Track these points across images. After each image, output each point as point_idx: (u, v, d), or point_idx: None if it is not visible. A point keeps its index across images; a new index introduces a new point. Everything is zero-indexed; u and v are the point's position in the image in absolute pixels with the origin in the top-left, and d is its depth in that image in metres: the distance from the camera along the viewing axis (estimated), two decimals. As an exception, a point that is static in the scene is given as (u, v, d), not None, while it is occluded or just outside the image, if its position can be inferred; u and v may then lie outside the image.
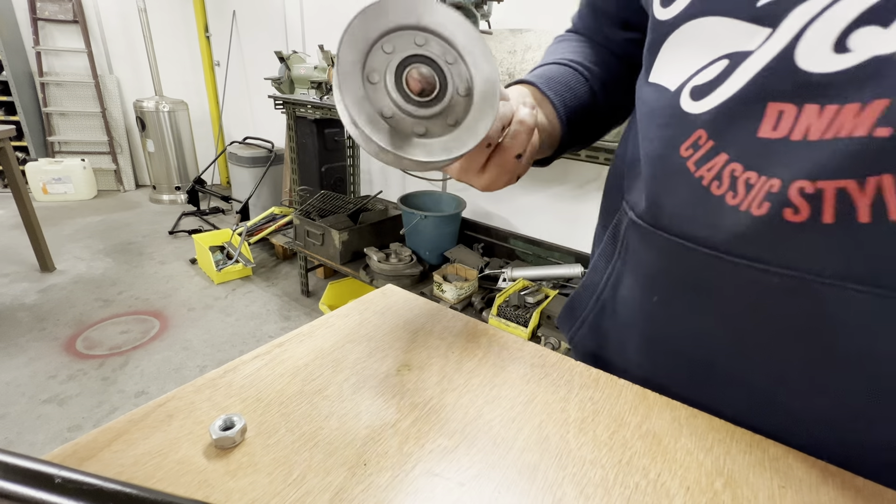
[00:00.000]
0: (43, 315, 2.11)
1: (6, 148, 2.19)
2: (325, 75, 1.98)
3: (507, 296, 1.64)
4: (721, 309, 0.29)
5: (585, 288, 0.42)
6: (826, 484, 0.26)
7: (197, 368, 1.84)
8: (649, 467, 0.27)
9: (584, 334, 0.41)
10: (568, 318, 0.43)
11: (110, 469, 0.25)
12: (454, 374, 0.35)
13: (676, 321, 0.32)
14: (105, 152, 3.89)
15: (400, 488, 0.25)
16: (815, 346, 0.26)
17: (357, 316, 0.42)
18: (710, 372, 0.32)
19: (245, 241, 2.59)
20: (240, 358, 0.35)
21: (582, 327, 0.41)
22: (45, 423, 1.54)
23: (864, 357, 0.25)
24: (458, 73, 0.22)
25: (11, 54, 3.43)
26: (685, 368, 0.33)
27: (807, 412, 0.29)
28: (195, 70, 3.97)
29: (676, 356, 0.33)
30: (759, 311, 0.27)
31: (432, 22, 0.21)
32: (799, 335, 0.26)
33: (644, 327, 0.35)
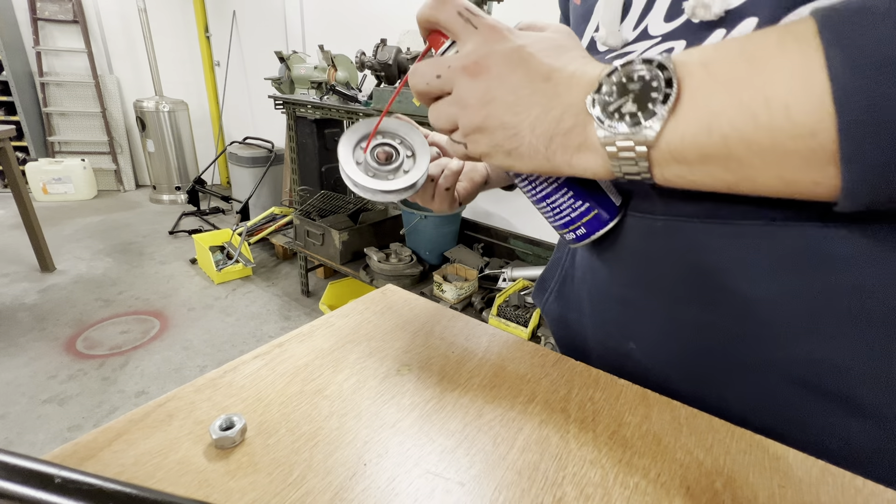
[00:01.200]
0: (43, 315, 2.11)
1: (6, 148, 2.19)
2: (325, 75, 1.98)
3: (507, 296, 1.64)
4: (630, 253, 0.35)
5: (552, 263, 0.48)
6: (826, 484, 0.26)
7: (197, 368, 1.84)
8: (649, 467, 0.27)
9: (552, 301, 0.47)
10: (539, 291, 0.49)
11: (110, 469, 0.25)
12: (454, 374, 0.35)
13: (605, 271, 0.38)
14: (105, 152, 3.89)
15: (400, 488, 0.25)
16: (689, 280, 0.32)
17: (357, 316, 0.42)
18: (630, 310, 0.36)
19: (245, 241, 2.59)
20: (240, 358, 0.35)
21: (550, 296, 0.47)
22: (45, 423, 1.54)
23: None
24: (405, 146, 0.39)
25: (11, 54, 3.43)
26: (616, 311, 0.38)
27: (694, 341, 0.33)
28: (195, 70, 3.98)
29: (609, 301, 0.38)
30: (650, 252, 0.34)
31: (383, 127, 0.39)
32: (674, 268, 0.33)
33: (589, 281, 0.40)
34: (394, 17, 2.33)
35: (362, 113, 1.79)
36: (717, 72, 0.22)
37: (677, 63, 0.23)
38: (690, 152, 0.23)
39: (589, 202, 0.33)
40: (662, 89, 0.22)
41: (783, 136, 0.20)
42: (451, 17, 0.28)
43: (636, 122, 0.23)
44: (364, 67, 1.73)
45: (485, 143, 0.29)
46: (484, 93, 0.27)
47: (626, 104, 0.24)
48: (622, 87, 0.24)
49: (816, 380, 0.28)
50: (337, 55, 2.02)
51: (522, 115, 0.27)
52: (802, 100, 0.19)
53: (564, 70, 0.26)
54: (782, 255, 0.28)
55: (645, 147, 0.24)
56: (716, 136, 0.22)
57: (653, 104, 0.23)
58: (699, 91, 0.22)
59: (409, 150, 0.39)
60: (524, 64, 0.26)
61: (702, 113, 0.22)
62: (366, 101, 1.81)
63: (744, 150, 0.21)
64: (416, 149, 0.39)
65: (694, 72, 0.22)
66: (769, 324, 0.29)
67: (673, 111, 0.22)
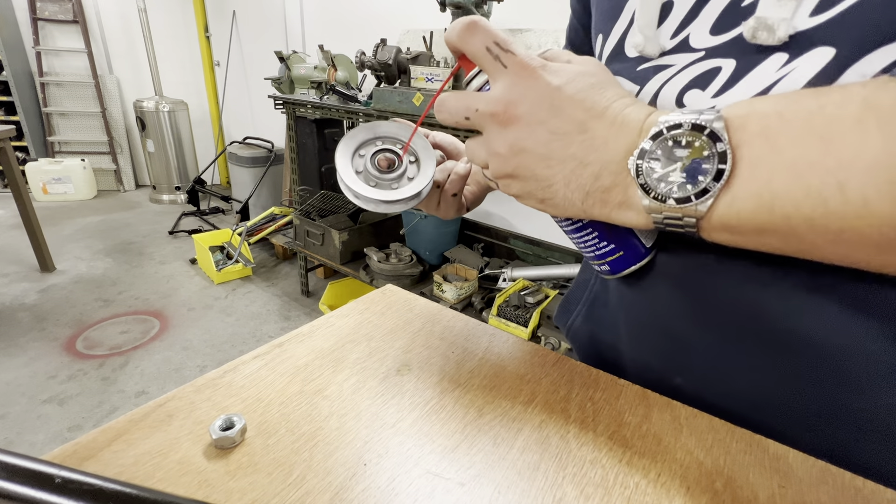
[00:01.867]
0: (43, 315, 2.11)
1: (6, 148, 2.19)
2: (325, 75, 1.98)
3: (507, 296, 1.64)
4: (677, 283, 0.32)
5: (578, 285, 0.45)
6: (826, 484, 0.26)
7: (197, 368, 1.84)
8: (649, 467, 0.27)
9: (580, 323, 0.43)
10: (563, 313, 0.46)
11: (110, 469, 0.25)
12: (454, 374, 0.35)
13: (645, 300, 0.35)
14: (105, 152, 3.89)
15: (400, 488, 0.25)
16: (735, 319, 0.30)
17: (357, 316, 0.42)
18: (677, 344, 0.33)
19: (245, 241, 2.59)
20: (240, 358, 0.35)
21: (577, 318, 0.44)
22: (45, 423, 1.54)
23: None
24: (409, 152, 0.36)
25: (11, 54, 3.43)
26: (660, 343, 0.35)
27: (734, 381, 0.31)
28: (195, 70, 3.97)
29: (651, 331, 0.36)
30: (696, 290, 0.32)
31: (382, 131, 0.36)
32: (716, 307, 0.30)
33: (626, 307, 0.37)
34: (394, 16, 2.33)
35: (362, 113, 1.79)
36: (782, 147, 0.19)
37: (732, 128, 0.20)
38: (746, 227, 0.21)
39: (615, 244, 0.31)
40: (715, 164, 0.21)
41: (859, 224, 0.18)
42: (480, 52, 0.25)
43: (685, 199, 0.21)
44: (364, 67, 1.73)
45: (516, 188, 0.28)
46: (513, 143, 0.25)
47: (673, 173, 0.22)
48: (669, 152, 0.22)
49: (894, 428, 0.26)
50: (337, 55, 2.02)
51: (556, 169, 0.25)
52: (885, 189, 0.17)
53: (603, 118, 0.24)
54: (859, 302, 0.25)
55: (694, 219, 0.22)
56: (777, 216, 0.20)
57: (704, 178, 0.21)
58: (759, 168, 0.20)
59: (413, 156, 0.36)
60: (557, 112, 0.24)
61: (762, 191, 0.20)
62: (366, 101, 1.81)
63: (807, 230, 0.20)
64: (419, 154, 0.36)
65: (752, 142, 0.20)
66: (847, 371, 0.26)
67: (727, 185, 0.21)
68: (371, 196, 0.34)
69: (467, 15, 1.60)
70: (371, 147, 0.36)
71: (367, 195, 0.34)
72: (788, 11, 0.22)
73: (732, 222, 0.21)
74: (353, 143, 0.36)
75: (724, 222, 0.22)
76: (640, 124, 0.24)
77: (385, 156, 0.36)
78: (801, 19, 0.22)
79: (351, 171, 0.35)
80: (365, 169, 0.36)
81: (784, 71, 0.23)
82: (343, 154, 0.36)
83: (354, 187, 0.34)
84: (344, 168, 0.35)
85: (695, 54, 0.27)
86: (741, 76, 0.24)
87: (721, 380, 0.31)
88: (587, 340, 0.43)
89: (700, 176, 0.21)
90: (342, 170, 0.35)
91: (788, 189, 0.19)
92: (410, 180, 0.36)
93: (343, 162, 0.35)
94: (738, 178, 0.20)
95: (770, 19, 0.23)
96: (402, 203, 0.35)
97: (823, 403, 0.27)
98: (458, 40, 0.26)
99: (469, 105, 0.26)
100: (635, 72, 0.30)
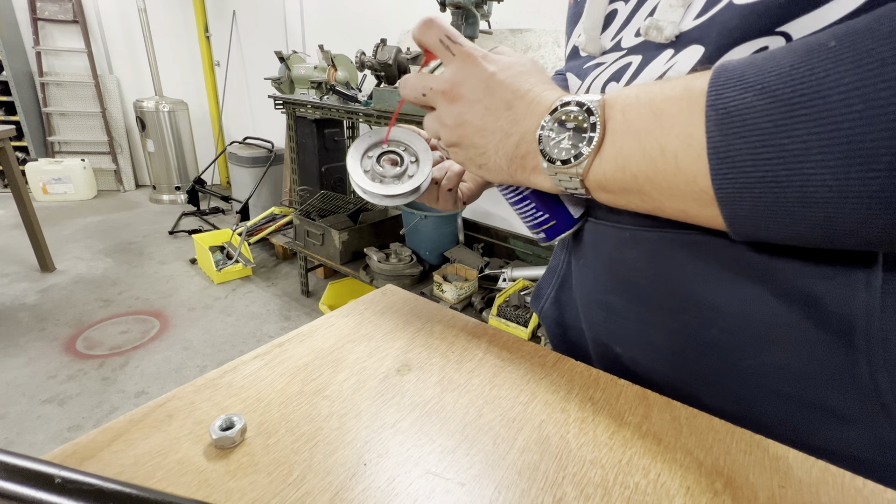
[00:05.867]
0: (43, 315, 2.11)
1: (6, 148, 2.19)
2: (325, 75, 1.98)
3: (507, 296, 1.64)
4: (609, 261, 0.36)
5: (548, 272, 0.51)
6: (826, 484, 0.26)
7: (197, 368, 1.84)
8: (649, 467, 0.27)
9: (549, 306, 0.48)
10: (535, 299, 0.52)
11: (110, 469, 0.25)
12: (454, 374, 0.35)
13: (591, 277, 0.39)
14: (105, 152, 3.89)
15: (400, 488, 0.25)
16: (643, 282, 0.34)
17: (357, 316, 0.42)
18: (613, 316, 0.37)
19: (245, 241, 2.59)
20: (240, 358, 0.35)
21: (547, 301, 0.49)
22: (45, 423, 1.54)
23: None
24: (409, 153, 0.42)
25: (11, 54, 3.43)
26: (602, 317, 0.39)
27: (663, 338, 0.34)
28: (195, 70, 3.98)
29: (595, 306, 0.39)
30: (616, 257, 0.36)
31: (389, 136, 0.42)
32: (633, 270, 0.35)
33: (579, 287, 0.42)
34: (394, 16, 2.33)
35: (362, 113, 1.79)
36: (631, 120, 0.25)
37: (606, 106, 0.26)
38: (612, 185, 0.27)
39: (548, 213, 0.37)
40: (589, 133, 0.26)
41: (676, 181, 0.24)
42: (434, 43, 0.32)
43: (568, 160, 0.27)
44: (364, 67, 1.73)
45: (461, 156, 0.34)
46: (457, 116, 0.32)
47: (563, 141, 0.27)
48: (562, 124, 0.27)
49: (787, 388, 0.28)
50: (337, 55, 2.02)
51: (488, 138, 0.31)
52: (688, 152, 0.23)
53: (524, 99, 0.30)
54: (736, 264, 0.28)
55: (579, 178, 0.27)
56: (628, 175, 0.25)
57: (581, 144, 0.27)
58: (616, 136, 0.26)
59: (413, 156, 0.42)
60: (491, 92, 0.30)
61: (617, 155, 0.26)
62: (366, 101, 1.81)
63: (650, 188, 0.25)
64: (419, 154, 0.42)
65: (615, 117, 0.26)
66: (735, 332, 0.29)
67: (598, 151, 0.26)
68: (377, 191, 0.40)
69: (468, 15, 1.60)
70: (378, 149, 0.42)
71: (374, 190, 0.40)
72: (677, 16, 0.27)
73: (602, 181, 0.27)
74: (362, 146, 0.42)
75: (598, 181, 0.27)
76: (550, 104, 0.29)
77: (389, 156, 0.42)
78: (687, 21, 0.27)
79: (360, 171, 0.41)
80: (372, 168, 0.41)
81: (670, 64, 0.28)
82: (353, 156, 0.42)
83: (362, 184, 0.40)
84: (354, 168, 0.41)
85: (620, 52, 0.32)
86: (642, 69, 0.30)
87: (647, 346, 0.35)
88: (554, 322, 0.48)
89: (579, 143, 0.27)
90: (352, 169, 0.41)
91: (633, 152, 0.25)
92: (411, 178, 0.41)
93: (353, 163, 0.41)
94: (605, 145, 0.26)
95: (661, 21, 0.28)
96: (403, 196, 0.41)
97: (719, 362, 0.31)
98: (419, 34, 0.32)
99: (425, 84, 0.33)
100: (582, 69, 0.36)
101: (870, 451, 0.27)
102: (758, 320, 0.28)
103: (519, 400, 0.32)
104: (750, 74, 0.21)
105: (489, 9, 1.64)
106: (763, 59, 0.21)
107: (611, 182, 0.26)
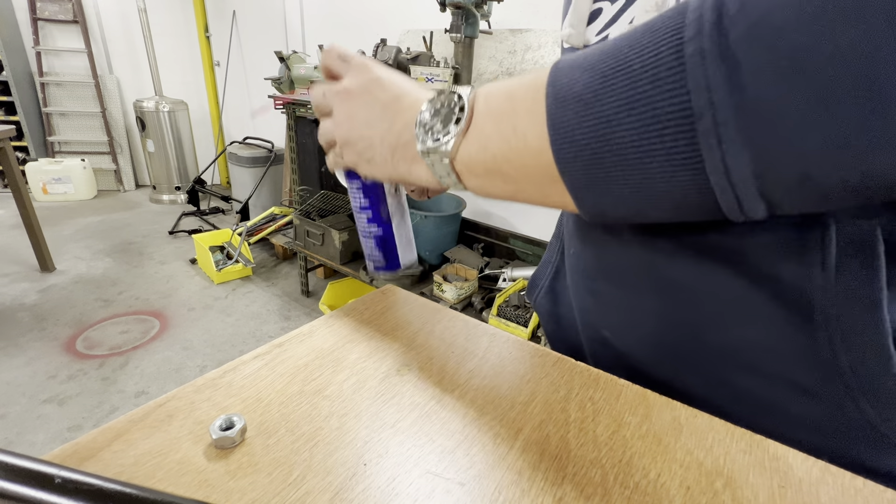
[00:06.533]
0: (43, 315, 2.11)
1: (6, 148, 2.19)
2: (325, 75, 1.98)
3: (507, 296, 1.64)
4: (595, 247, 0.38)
5: (543, 263, 0.52)
6: (826, 484, 0.26)
7: (197, 368, 1.84)
8: (649, 467, 0.27)
9: (543, 297, 0.50)
10: (532, 288, 0.54)
11: (110, 469, 0.25)
12: (454, 374, 0.35)
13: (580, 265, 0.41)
14: (105, 152, 3.89)
15: (400, 488, 0.25)
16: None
17: (357, 316, 0.42)
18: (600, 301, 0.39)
19: (245, 241, 2.59)
20: (240, 358, 0.35)
21: (541, 291, 0.50)
22: (45, 423, 1.54)
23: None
24: None
25: (11, 54, 3.43)
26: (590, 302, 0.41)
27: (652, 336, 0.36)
28: (195, 70, 3.97)
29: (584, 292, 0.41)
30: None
31: None
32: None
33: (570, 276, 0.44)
34: (394, 16, 2.33)
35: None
36: (492, 104, 0.27)
37: (474, 95, 0.29)
38: (477, 166, 0.28)
39: (381, 251, 0.42)
40: (457, 114, 0.28)
41: (525, 157, 0.26)
42: (334, 61, 0.36)
43: (437, 139, 0.29)
44: (364, 67, 1.72)
45: (352, 154, 0.36)
46: (348, 111, 0.35)
47: (436, 125, 0.29)
48: (436, 111, 0.30)
49: (756, 361, 0.30)
50: (337, 55, 2.02)
51: (375, 129, 0.33)
52: (533, 128, 0.25)
53: (409, 95, 0.32)
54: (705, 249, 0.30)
55: (447, 159, 0.29)
56: (489, 155, 0.27)
57: (450, 126, 0.29)
58: (480, 119, 0.28)
59: None
60: (379, 89, 0.33)
61: (481, 136, 0.27)
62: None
63: (507, 167, 0.27)
64: None
65: (480, 102, 0.28)
66: (707, 311, 0.31)
67: (465, 133, 0.28)
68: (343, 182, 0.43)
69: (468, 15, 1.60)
70: None
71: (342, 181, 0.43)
72: None
73: (468, 162, 0.28)
74: None
75: (465, 162, 0.29)
76: (427, 98, 0.31)
77: None
78: None
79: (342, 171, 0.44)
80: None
81: None
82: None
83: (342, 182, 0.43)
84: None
85: None
86: None
87: (630, 327, 0.37)
88: (547, 312, 0.50)
89: (448, 125, 0.29)
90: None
91: (492, 132, 0.27)
92: None
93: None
94: (472, 128, 0.28)
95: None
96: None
97: (693, 339, 0.32)
98: (322, 60, 0.38)
99: (326, 89, 0.37)
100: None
101: (833, 422, 0.28)
102: (727, 300, 0.30)
103: (519, 400, 0.32)
104: (583, 56, 0.23)
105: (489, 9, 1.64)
106: (598, 45, 0.24)
107: (476, 163, 0.28)
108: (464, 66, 1.70)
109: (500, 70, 1.94)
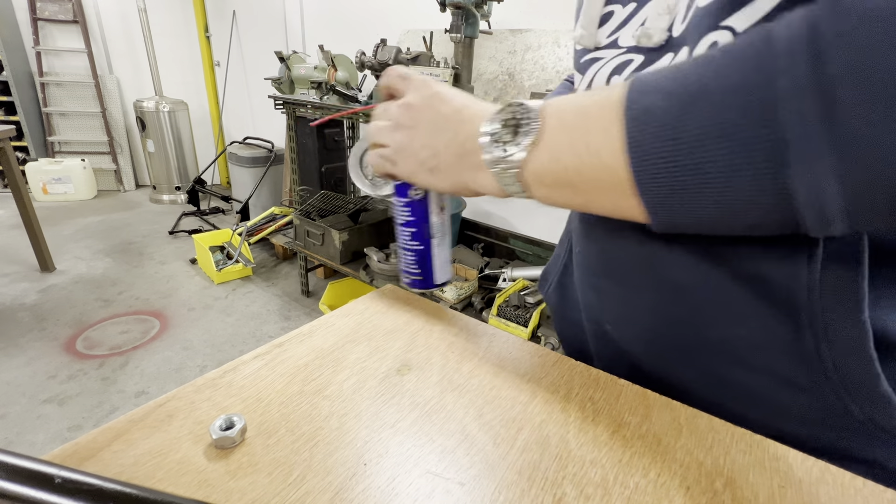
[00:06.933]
0: (43, 315, 2.11)
1: (6, 148, 2.19)
2: (325, 75, 1.98)
3: (507, 296, 1.64)
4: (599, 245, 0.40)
5: (553, 259, 0.55)
6: (826, 484, 0.26)
7: (197, 368, 1.84)
8: (649, 467, 0.27)
9: (552, 290, 0.52)
10: (543, 281, 0.56)
11: (110, 469, 0.25)
12: (454, 374, 0.35)
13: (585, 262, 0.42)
14: (105, 152, 3.89)
15: (400, 488, 0.25)
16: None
17: (357, 316, 0.42)
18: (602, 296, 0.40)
19: (245, 241, 2.59)
20: (240, 358, 0.35)
21: (551, 286, 0.52)
22: (45, 423, 1.54)
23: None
24: None
25: (11, 54, 3.43)
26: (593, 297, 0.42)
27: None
28: (195, 70, 3.97)
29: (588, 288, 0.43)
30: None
31: None
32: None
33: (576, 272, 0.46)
34: (394, 16, 2.33)
35: (362, 113, 1.79)
36: (564, 119, 0.28)
37: (545, 108, 0.29)
38: (547, 177, 0.29)
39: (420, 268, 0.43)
40: (528, 127, 0.29)
41: (599, 172, 0.27)
42: (394, 80, 0.38)
43: (506, 150, 0.30)
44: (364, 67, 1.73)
45: (412, 162, 0.37)
46: (412, 120, 0.36)
47: (505, 135, 0.30)
48: (505, 123, 0.30)
49: (746, 355, 0.31)
50: (337, 55, 2.02)
51: (440, 138, 0.34)
52: (608, 145, 0.26)
53: (472, 107, 0.34)
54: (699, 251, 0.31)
55: (516, 169, 0.30)
56: (560, 167, 0.28)
57: (520, 137, 0.29)
58: (552, 132, 0.28)
59: None
60: (441, 103, 0.35)
61: (552, 148, 0.28)
62: (366, 101, 1.81)
63: (579, 180, 0.28)
64: None
65: (552, 115, 0.29)
66: (700, 308, 0.32)
67: (536, 145, 0.29)
68: (367, 192, 0.47)
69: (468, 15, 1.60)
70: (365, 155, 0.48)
71: (365, 190, 0.47)
72: (665, 23, 0.31)
73: (539, 172, 0.29)
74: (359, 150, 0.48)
75: (535, 172, 0.29)
76: (495, 108, 0.32)
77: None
78: (677, 27, 0.30)
79: (359, 171, 0.47)
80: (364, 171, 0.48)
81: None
82: (354, 158, 0.48)
83: (358, 183, 0.47)
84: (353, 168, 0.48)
85: (619, 50, 0.35)
86: (646, 66, 0.33)
87: (630, 322, 0.38)
88: (556, 305, 0.51)
89: (519, 136, 0.30)
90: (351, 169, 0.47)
91: (564, 147, 0.28)
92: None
93: (353, 163, 0.48)
94: (543, 140, 0.29)
95: (650, 29, 0.32)
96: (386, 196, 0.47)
97: (688, 335, 0.33)
98: (381, 80, 0.40)
99: (387, 105, 0.39)
100: (580, 63, 0.39)
101: (818, 414, 0.29)
102: (719, 298, 0.31)
103: (519, 400, 0.32)
104: (658, 81, 0.25)
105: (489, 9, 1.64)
106: (669, 69, 0.25)
107: (546, 174, 0.29)
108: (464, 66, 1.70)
109: (500, 70, 1.94)
